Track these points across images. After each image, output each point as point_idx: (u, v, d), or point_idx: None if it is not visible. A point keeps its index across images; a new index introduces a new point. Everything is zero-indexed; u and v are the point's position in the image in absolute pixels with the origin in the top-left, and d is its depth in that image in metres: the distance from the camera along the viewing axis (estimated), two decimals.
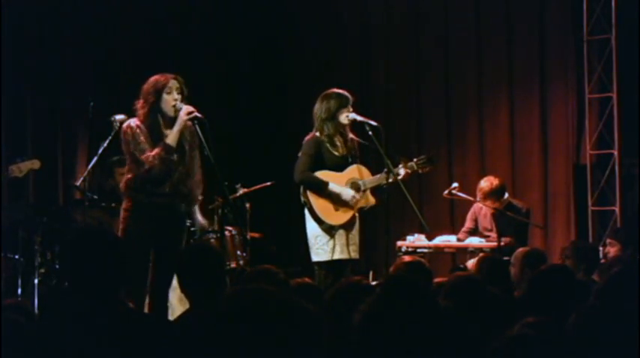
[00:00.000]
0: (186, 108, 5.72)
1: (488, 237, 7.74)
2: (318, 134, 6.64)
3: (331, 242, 6.55)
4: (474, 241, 7.73)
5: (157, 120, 5.76)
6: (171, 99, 5.74)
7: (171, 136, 5.71)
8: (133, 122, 5.76)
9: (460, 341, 2.51)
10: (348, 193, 6.60)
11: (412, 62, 9.78)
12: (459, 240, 7.85)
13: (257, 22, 10.18)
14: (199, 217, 6.16)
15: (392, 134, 8.92)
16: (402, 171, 6.73)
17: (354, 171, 6.71)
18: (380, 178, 6.72)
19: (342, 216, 6.60)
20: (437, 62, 9.64)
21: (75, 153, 8.68)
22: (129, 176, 5.76)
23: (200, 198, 6.09)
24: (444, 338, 2.24)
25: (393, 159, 6.67)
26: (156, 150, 5.67)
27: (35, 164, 7.17)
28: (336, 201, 6.60)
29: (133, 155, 5.71)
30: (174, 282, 5.59)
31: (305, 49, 10.26)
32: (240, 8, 10.07)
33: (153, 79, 5.79)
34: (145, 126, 5.72)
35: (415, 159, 6.86)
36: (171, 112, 5.75)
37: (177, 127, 5.71)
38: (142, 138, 5.69)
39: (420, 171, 6.88)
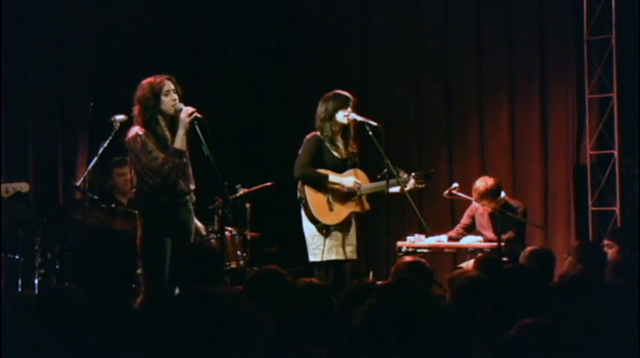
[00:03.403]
0: (186, 110, 5.72)
1: (485, 236, 7.74)
2: (319, 133, 6.66)
3: (328, 242, 6.56)
4: (474, 241, 7.72)
5: (159, 124, 5.75)
6: (170, 99, 5.75)
7: (179, 140, 5.72)
8: (139, 131, 5.72)
9: (461, 342, 2.52)
10: (349, 180, 6.63)
11: (412, 62, 9.78)
12: (450, 237, 7.83)
13: (257, 22, 10.18)
14: (196, 221, 6.13)
15: (392, 134, 8.92)
16: (410, 182, 6.73)
17: (351, 175, 6.72)
18: (377, 186, 6.73)
19: (335, 217, 6.62)
20: (437, 62, 9.64)
21: (75, 153, 8.68)
22: (144, 186, 5.73)
23: (194, 199, 6.08)
24: (444, 338, 2.24)
25: (390, 170, 6.63)
26: (167, 158, 5.68)
27: (24, 187, 7.11)
28: (334, 197, 6.61)
29: (147, 165, 5.68)
30: None
31: (305, 49, 10.26)
32: (241, 8, 10.07)
33: (146, 82, 5.78)
34: (151, 132, 5.72)
35: (413, 174, 6.86)
36: (171, 112, 5.75)
37: (182, 130, 5.71)
38: (151, 146, 5.69)
39: (416, 185, 6.88)
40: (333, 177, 6.62)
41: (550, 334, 2.63)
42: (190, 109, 5.72)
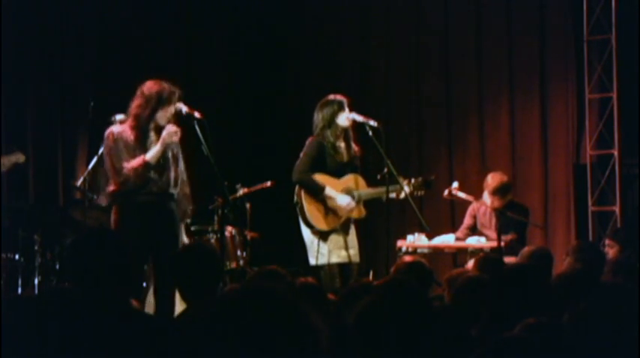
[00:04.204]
0: (169, 130, 5.63)
1: (487, 236, 7.74)
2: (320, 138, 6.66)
3: (327, 246, 6.56)
4: (474, 241, 7.72)
5: (149, 126, 5.71)
6: (169, 111, 5.69)
7: (153, 154, 5.62)
8: (116, 129, 5.69)
9: (454, 342, 2.51)
10: (343, 200, 6.61)
11: (412, 62, 9.77)
12: (458, 238, 7.84)
13: (257, 23, 10.18)
14: (183, 236, 6.08)
15: (392, 134, 8.91)
16: (406, 188, 6.73)
17: (350, 180, 6.72)
18: (376, 192, 6.72)
19: (330, 222, 6.62)
20: (437, 62, 9.64)
21: (75, 153, 8.68)
22: (112, 188, 5.71)
23: (189, 212, 6.04)
24: (436, 338, 2.24)
25: (391, 175, 6.63)
26: (134, 163, 5.62)
27: (20, 158, 7.07)
28: (329, 206, 6.61)
29: (111, 163, 5.67)
30: None
31: (305, 49, 10.25)
32: (241, 9, 10.07)
33: (160, 84, 5.67)
34: (136, 130, 5.65)
35: (412, 181, 6.86)
36: (162, 123, 5.68)
37: (160, 147, 5.62)
38: (121, 147, 5.64)
39: (416, 193, 6.88)
40: (329, 191, 6.60)
41: (553, 334, 2.63)
42: (173, 130, 5.63)
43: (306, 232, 6.64)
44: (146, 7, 9.29)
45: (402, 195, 6.68)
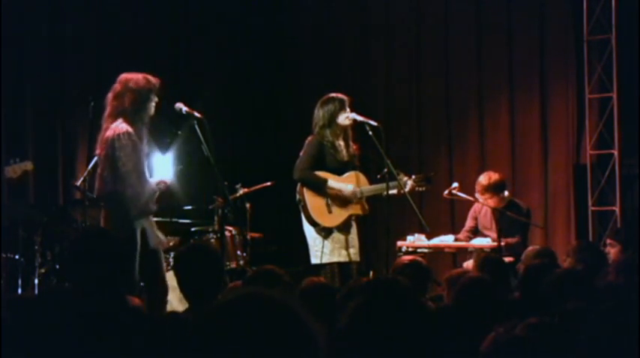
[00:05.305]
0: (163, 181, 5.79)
1: (489, 237, 7.72)
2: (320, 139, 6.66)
3: (329, 244, 6.56)
4: (475, 241, 7.71)
5: (144, 121, 5.71)
6: (154, 103, 5.73)
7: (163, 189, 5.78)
8: (130, 129, 5.63)
9: (448, 343, 2.50)
10: (348, 188, 6.62)
11: (412, 62, 9.77)
12: (457, 239, 7.83)
13: (258, 22, 10.18)
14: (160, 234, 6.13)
15: (392, 134, 8.91)
16: (408, 184, 6.73)
17: (352, 177, 6.72)
18: (378, 188, 6.73)
19: (334, 219, 6.62)
20: (437, 62, 9.64)
21: (75, 153, 8.67)
22: (119, 193, 5.63)
23: None
24: (430, 339, 2.23)
25: (391, 175, 6.64)
26: (151, 188, 5.66)
27: (28, 166, 7.08)
28: (333, 200, 6.61)
29: (134, 168, 5.60)
30: (174, 282, 5.59)
31: (305, 49, 10.26)
32: (241, 8, 10.07)
33: (143, 77, 5.73)
34: (137, 127, 5.66)
35: (414, 177, 6.87)
36: (151, 113, 5.73)
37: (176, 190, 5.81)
38: (139, 149, 5.62)
39: (416, 188, 6.90)
40: (332, 183, 6.61)
41: (555, 334, 2.63)
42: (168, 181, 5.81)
43: (309, 230, 6.64)
44: (146, 7, 9.29)
45: (403, 191, 6.68)
